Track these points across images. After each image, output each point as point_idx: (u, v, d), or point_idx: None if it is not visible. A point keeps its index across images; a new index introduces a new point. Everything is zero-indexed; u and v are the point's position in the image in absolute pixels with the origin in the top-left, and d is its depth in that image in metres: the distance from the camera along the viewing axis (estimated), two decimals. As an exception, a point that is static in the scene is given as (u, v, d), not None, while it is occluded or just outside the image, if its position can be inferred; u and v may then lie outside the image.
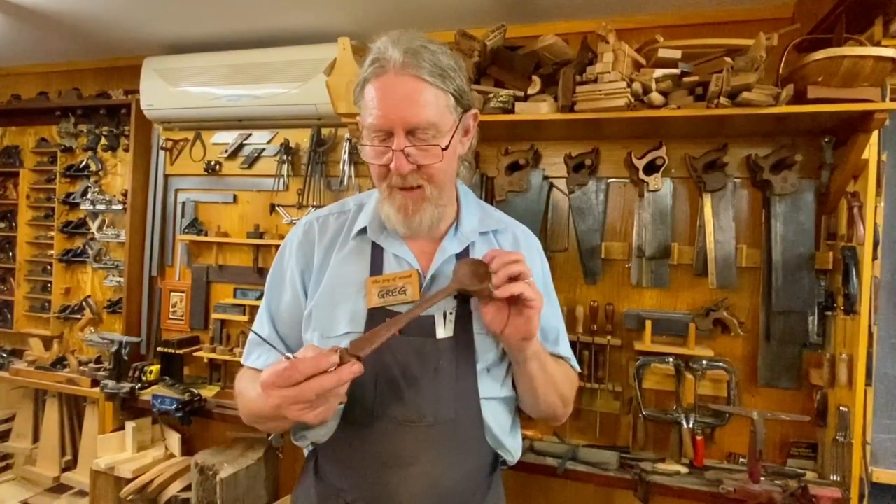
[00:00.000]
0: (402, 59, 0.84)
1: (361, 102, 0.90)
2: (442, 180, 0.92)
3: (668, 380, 1.79)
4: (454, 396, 0.91)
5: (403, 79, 0.84)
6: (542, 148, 1.98)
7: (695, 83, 1.59)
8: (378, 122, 0.86)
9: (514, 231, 1.10)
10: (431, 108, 0.86)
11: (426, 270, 0.96)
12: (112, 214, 2.68)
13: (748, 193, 1.82)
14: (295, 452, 2.19)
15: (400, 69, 0.84)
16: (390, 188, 0.92)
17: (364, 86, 0.89)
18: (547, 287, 1.09)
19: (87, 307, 2.72)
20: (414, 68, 0.84)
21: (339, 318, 0.94)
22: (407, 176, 0.88)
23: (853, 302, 1.56)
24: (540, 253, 1.12)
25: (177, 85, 2.37)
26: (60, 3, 2.06)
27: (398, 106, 0.84)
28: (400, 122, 0.85)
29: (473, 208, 1.06)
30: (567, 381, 1.07)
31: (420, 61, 0.85)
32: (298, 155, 2.37)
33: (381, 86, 0.86)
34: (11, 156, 2.90)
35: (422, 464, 0.89)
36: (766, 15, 1.79)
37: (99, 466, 2.18)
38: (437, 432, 0.90)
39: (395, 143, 0.85)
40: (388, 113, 0.85)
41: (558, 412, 1.05)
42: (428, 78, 0.85)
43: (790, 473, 1.65)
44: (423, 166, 0.88)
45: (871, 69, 1.42)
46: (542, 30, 1.91)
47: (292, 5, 2.00)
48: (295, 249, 1.03)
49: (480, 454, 0.98)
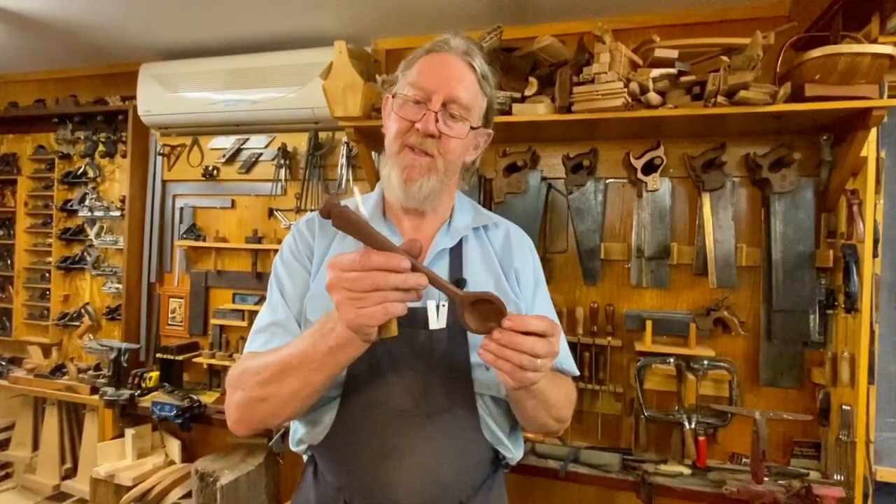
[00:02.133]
0: (465, 48, 0.94)
1: (406, 73, 0.96)
2: (452, 161, 0.95)
3: (670, 380, 1.78)
4: (448, 388, 0.90)
5: (459, 60, 0.94)
6: (540, 149, 1.98)
7: (692, 82, 1.59)
8: (423, 82, 0.92)
9: (507, 228, 1.10)
10: (472, 94, 0.94)
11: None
12: (110, 221, 2.68)
13: (747, 192, 1.82)
14: (295, 458, 2.17)
15: (461, 53, 0.94)
16: (402, 146, 0.93)
17: (417, 60, 0.96)
18: (538, 285, 1.07)
19: (86, 314, 2.72)
20: (471, 58, 0.94)
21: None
22: (426, 140, 0.91)
23: (854, 300, 1.56)
24: (532, 251, 1.12)
25: (174, 91, 2.37)
26: (57, 10, 2.07)
27: (448, 77, 0.92)
28: (445, 88, 0.91)
29: (467, 208, 1.08)
30: (563, 400, 0.99)
31: (475, 56, 0.95)
32: (296, 159, 2.37)
33: (438, 59, 0.94)
34: (9, 163, 2.90)
35: (418, 455, 0.88)
36: (762, 13, 1.79)
37: (99, 474, 2.17)
38: (432, 423, 0.89)
39: (433, 105, 0.90)
40: (437, 78, 0.91)
41: (552, 428, 1.01)
42: (478, 71, 0.95)
43: (793, 473, 1.64)
44: (444, 137, 0.92)
45: (868, 66, 1.42)
46: (538, 31, 1.91)
47: (288, 10, 2.00)
48: (298, 240, 1.03)
49: (478, 449, 0.96)
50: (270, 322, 0.95)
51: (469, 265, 0.99)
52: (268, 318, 0.96)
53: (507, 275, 1.02)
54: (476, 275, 0.98)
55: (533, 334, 0.72)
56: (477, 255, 1.01)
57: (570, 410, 1.04)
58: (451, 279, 0.96)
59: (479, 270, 0.99)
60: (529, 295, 1.04)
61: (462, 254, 1.00)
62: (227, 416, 0.92)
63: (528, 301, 1.03)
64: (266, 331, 0.95)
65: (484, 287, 0.95)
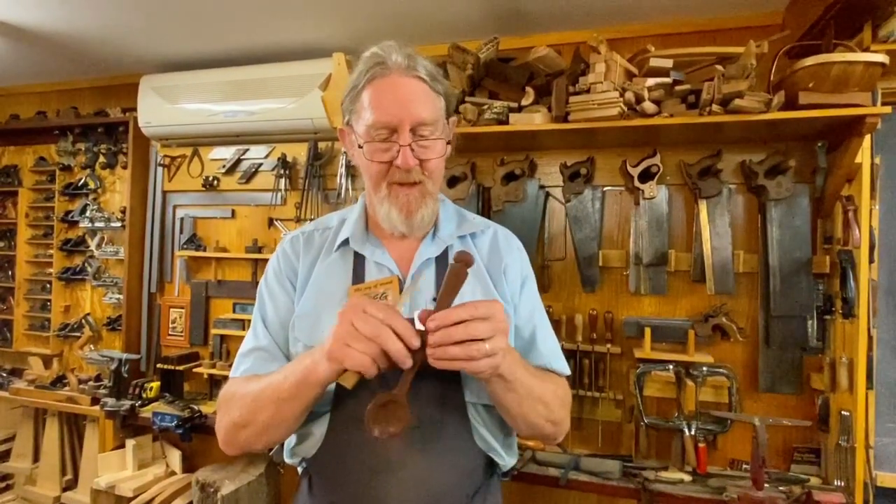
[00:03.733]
0: (406, 62, 0.90)
1: (355, 107, 0.93)
2: (439, 178, 0.96)
3: (669, 387, 1.79)
4: (439, 398, 0.91)
5: (407, 79, 0.90)
6: (538, 158, 1.99)
7: (687, 91, 1.60)
8: (383, 119, 0.88)
9: (495, 231, 1.09)
10: (432, 107, 0.91)
11: (405, 276, 0.98)
12: (111, 231, 2.69)
13: (743, 199, 1.83)
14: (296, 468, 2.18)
15: (404, 70, 0.90)
16: (390, 186, 0.93)
17: (361, 91, 0.91)
18: (525, 282, 1.06)
19: (87, 325, 2.72)
20: (415, 70, 0.90)
21: (324, 328, 0.92)
22: (410, 172, 0.90)
23: (851, 305, 1.56)
24: (519, 249, 1.10)
25: (174, 102, 2.39)
26: (58, 23, 2.09)
27: (405, 103, 0.88)
28: (407, 117, 0.88)
29: (451, 214, 1.08)
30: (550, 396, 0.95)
31: (418, 65, 0.91)
32: (296, 169, 2.38)
33: (385, 85, 0.90)
34: (10, 175, 2.92)
35: (410, 468, 0.88)
36: (756, 22, 1.81)
37: (99, 485, 2.17)
38: (423, 435, 0.89)
39: (402, 139, 0.88)
40: (394, 110, 0.88)
41: (546, 431, 0.97)
42: (427, 80, 0.91)
43: (794, 479, 1.64)
44: (424, 161, 0.91)
45: (860, 74, 1.43)
46: (534, 41, 1.93)
47: (287, 22, 2.02)
48: (282, 260, 1.05)
49: (470, 457, 0.96)
50: (253, 347, 1.00)
51: None
52: (251, 344, 1.00)
53: (495, 278, 1.01)
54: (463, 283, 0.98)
55: (461, 322, 0.74)
56: None
57: (565, 412, 1.00)
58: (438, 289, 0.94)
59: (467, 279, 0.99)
60: (517, 291, 1.04)
61: (448, 262, 0.99)
62: (217, 437, 0.96)
63: (514, 297, 1.03)
64: (249, 356, 0.99)
65: (471, 294, 0.95)
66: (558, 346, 1.08)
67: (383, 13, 1.91)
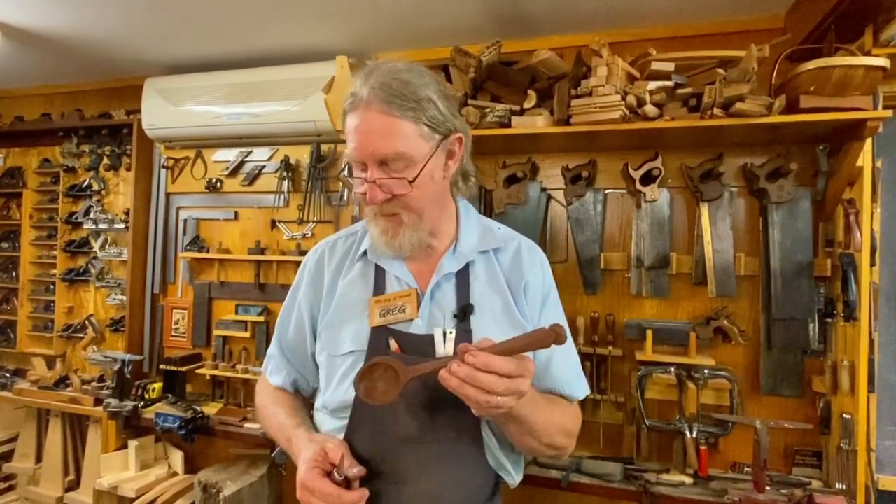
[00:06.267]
0: (368, 96, 0.87)
1: (346, 131, 0.94)
2: (419, 207, 0.94)
3: (671, 389, 1.79)
4: (454, 415, 0.91)
5: (370, 114, 0.88)
6: (540, 160, 2.00)
7: (688, 95, 1.61)
8: (353, 154, 0.91)
9: (519, 245, 1.08)
10: (400, 140, 0.88)
11: (424, 289, 0.99)
12: (114, 233, 2.71)
13: (745, 202, 1.84)
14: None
15: (367, 105, 0.88)
16: (373, 212, 0.96)
17: (345, 117, 0.94)
18: (547, 298, 1.06)
19: (90, 326, 2.73)
20: (380, 103, 0.87)
21: (344, 338, 0.98)
22: (383, 205, 0.92)
23: (853, 308, 1.56)
24: (543, 264, 1.09)
25: (178, 104, 2.40)
26: (63, 26, 2.10)
27: (367, 140, 0.88)
28: (370, 154, 0.89)
29: (473, 225, 1.06)
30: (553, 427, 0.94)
31: (389, 96, 0.87)
32: (298, 171, 2.39)
33: (354, 120, 0.90)
34: (15, 176, 2.93)
35: (423, 482, 0.90)
36: (757, 26, 1.81)
37: (102, 486, 2.17)
38: (438, 450, 0.91)
39: (368, 175, 0.89)
40: (359, 146, 0.89)
41: (544, 453, 0.98)
42: (396, 112, 0.87)
43: (795, 482, 1.64)
44: (396, 196, 0.91)
45: (861, 78, 1.44)
46: (536, 45, 1.94)
47: (290, 25, 2.03)
48: (306, 283, 1.10)
49: (481, 474, 0.97)
50: (271, 354, 1.15)
51: (476, 288, 1.00)
52: (272, 349, 1.15)
53: (515, 294, 1.01)
54: (483, 297, 0.99)
55: (494, 374, 0.74)
56: (484, 278, 1.01)
57: (567, 438, 1.00)
58: (458, 304, 0.97)
59: (486, 293, 1.00)
60: (537, 309, 1.04)
61: (469, 277, 1.00)
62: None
63: (534, 315, 1.03)
64: (270, 361, 1.16)
65: (490, 310, 0.97)
66: (577, 367, 1.07)
67: (386, 16, 1.92)
